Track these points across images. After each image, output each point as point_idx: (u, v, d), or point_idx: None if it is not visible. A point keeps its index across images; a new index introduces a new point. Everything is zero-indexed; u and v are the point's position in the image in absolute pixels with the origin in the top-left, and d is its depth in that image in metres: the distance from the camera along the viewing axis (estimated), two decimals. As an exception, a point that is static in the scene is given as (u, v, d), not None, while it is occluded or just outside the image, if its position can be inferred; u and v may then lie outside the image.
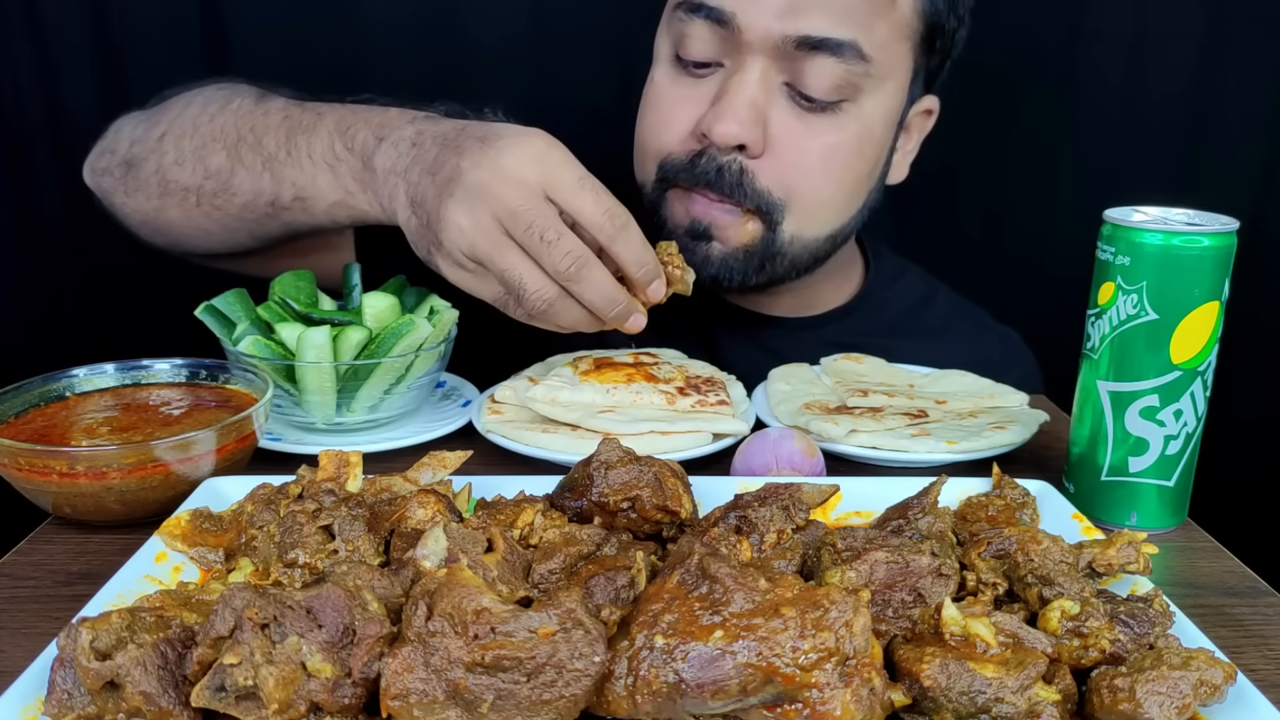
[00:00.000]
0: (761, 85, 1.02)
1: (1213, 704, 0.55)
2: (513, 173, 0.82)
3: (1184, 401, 0.79)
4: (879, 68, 1.03)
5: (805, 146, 1.04)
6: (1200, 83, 1.58)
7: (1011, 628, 0.57)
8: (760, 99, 1.02)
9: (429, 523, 0.65)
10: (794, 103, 1.03)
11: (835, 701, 0.50)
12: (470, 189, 0.82)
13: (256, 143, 1.00)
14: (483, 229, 0.83)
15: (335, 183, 0.95)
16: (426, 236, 0.87)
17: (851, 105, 1.04)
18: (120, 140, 1.10)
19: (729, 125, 1.01)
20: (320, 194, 0.97)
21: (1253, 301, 1.51)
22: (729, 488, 0.75)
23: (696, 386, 1.00)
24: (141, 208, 1.08)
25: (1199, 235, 0.76)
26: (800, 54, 1.00)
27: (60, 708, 0.53)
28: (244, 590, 0.53)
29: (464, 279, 0.87)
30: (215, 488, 0.78)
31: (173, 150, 1.04)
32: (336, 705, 0.51)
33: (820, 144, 1.04)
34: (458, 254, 0.85)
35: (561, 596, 0.52)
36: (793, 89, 1.03)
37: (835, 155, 1.06)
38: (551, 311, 0.85)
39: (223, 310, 0.96)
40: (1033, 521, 0.76)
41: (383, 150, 0.92)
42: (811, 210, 1.07)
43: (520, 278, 0.83)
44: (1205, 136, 1.60)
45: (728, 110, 1.01)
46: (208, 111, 1.05)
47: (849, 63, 1.01)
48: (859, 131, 1.06)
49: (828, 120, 1.04)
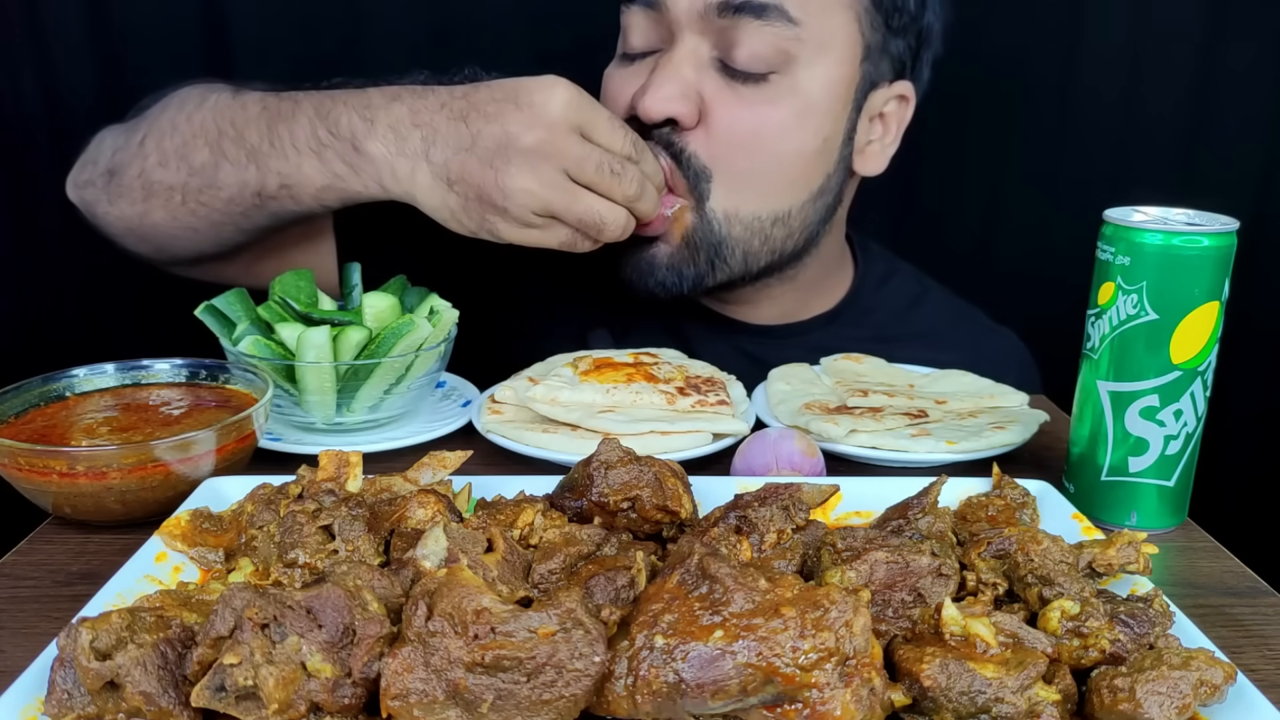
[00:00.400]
0: (691, 60, 1.03)
1: (1213, 704, 0.55)
2: (561, 123, 0.90)
3: (1184, 401, 0.79)
4: (812, 34, 1.02)
5: (737, 116, 1.04)
6: (1200, 83, 1.58)
7: (1011, 628, 0.57)
8: (690, 74, 1.03)
9: (429, 523, 0.65)
10: (725, 75, 1.03)
11: (835, 701, 0.50)
12: (528, 151, 0.89)
13: (238, 136, 1.00)
14: (553, 184, 0.91)
15: (322, 168, 0.96)
16: (479, 208, 0.92)
17: (784, 77, 1.03)
18: (102, 151, 1.11)
19: (652, 100, 1.02)
20: (307, 180, 0.97)
21: (1253, 301, 1.51)
22: (729, 488, 0.75)
23: (696, 386, 1.00)
24: (125, 214, 1.08)
25: (1199, 235, 0.76)
26: (727, 23, 1.01)
27: (60, 708, 0.53)
28: (244, 590, 0.53)
29: (530, 235, 0.93)
30: (215, 488, 0.78)
31: (154, 152, 1.04)
32: (336, 705, 0.51)
33: (752, 114, 1.04)
34: (527, 215, 0.91)
35: (561, 596, 0.52)
36: (723, 62, 1.03)
37: (768, 125, 1.04)
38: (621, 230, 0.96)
39: (223, 310, 0.96)
40: (1033, 521, 0.76)
41: (377, 134, 0.93)
42: (740, 181, 1.06)
43: (600, 215, 0.93)
44: (1205, 137, 1.60)
45: (652, 85, 1.02)
46: (185, 110, 1.05)
47: (775, 25, 1.00)
48: (796, 104, 1.04)
49: (759, 91, 1.03)
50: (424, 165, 0.92)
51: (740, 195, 1.06)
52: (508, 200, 0.90)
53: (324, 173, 0.96)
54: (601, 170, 0.91)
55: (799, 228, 1.11)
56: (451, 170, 0.91)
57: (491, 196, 0.90)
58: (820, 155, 1.08)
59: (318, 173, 0.97)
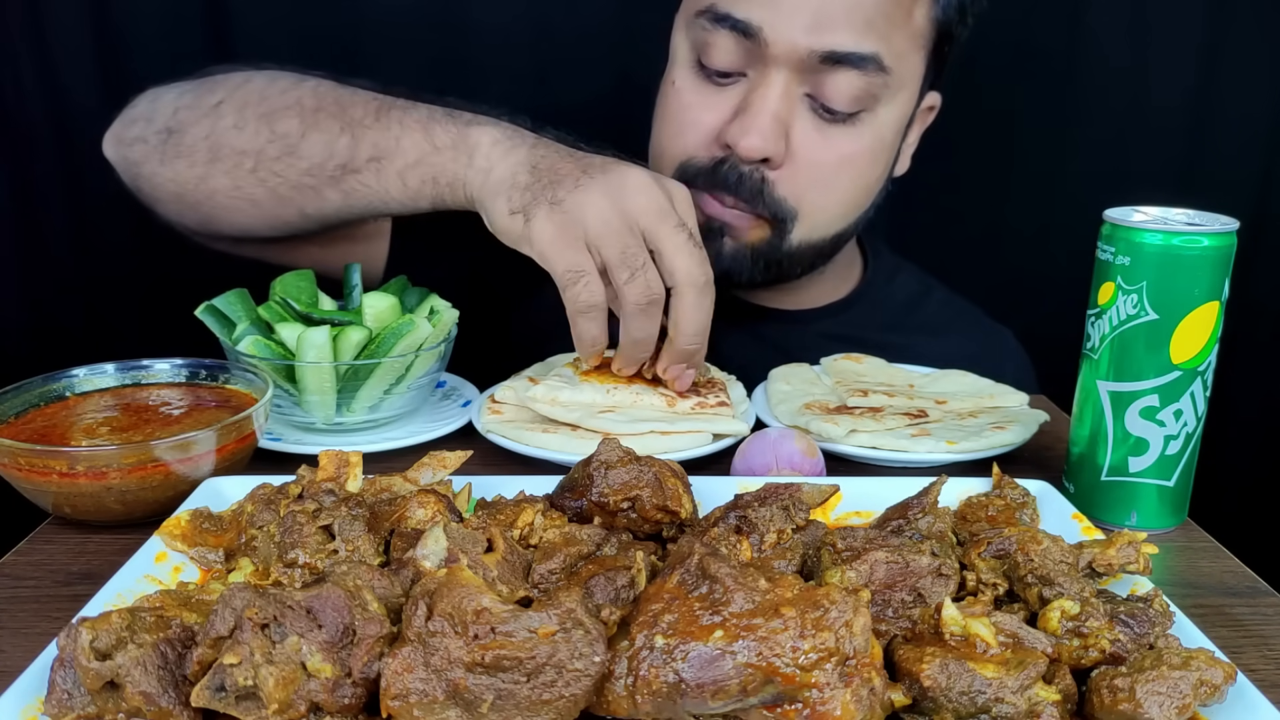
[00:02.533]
0: (785, 98, 1.03)
1: (1213, 704, 0.55)
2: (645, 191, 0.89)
3: (1184, 401, 0.79)
4: (896, 78, 1.05)
5: (823, 159, 1.06)
6: (1201, 83, 1.58)
7: (1011, 628, 0.57)
8: (783, 111, 1.03)
9: (429, 523, 0.65)
10: (815, 114, 1.05)
11: (835, 701, 0.50)
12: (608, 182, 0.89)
13: (340, 110, 0.99)
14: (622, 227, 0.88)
15: (425, 139, 0.96)
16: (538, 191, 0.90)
17: (869, 115, 1.06)
18: (159, 108, 1.07)
19: (754, 140, 1.02)
20: (401, 152, 0.97)
21: (1253, 302, 1.51)
22: (729, 488, 0.75)
23: (696, 387, 1.00)
24: (181, 176, 1.05)
25: (1199, 235, 0.76)
26: (824, 67, 1.02)
27: (60, 708, 0.53)
28: (244, 590, 0.53)
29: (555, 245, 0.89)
30: (215, 488, 0.77)
31: (232, 115, 1.02)
32: (336, 705, 0.51)
33: (837, 155, 1.06)
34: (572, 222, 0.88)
35: (561, 596, 0.52)
36: (814, 100, 1.04)
37: (851, 165, 1.08)
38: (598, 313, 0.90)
39: (223, 310, 0.96)
40: (1033, 521, 0.76)
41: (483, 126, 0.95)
42: (819, 218, 1.10)
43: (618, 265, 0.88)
44: (1205, 136, 1.60)
45: (754, 125, 1.02)
46: (278, 84, 1.03)
47: (870, 75, 1.02)
48: (873, 141, 1.08)
49: (845, 131, 1.06)
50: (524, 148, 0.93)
51: (816, 227, 1.10)
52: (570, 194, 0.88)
53: (423, 144, 0.96)
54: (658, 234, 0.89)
55: (847, 238, 1.17)
56: (538, 159, 0.92)
57: (559, 185, 0.89)
58: (880, 181, 1.14)
59: (415, 146, 0.96)
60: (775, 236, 1.09)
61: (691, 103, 1.08)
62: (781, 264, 1.11)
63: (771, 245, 1.09)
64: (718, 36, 1.03)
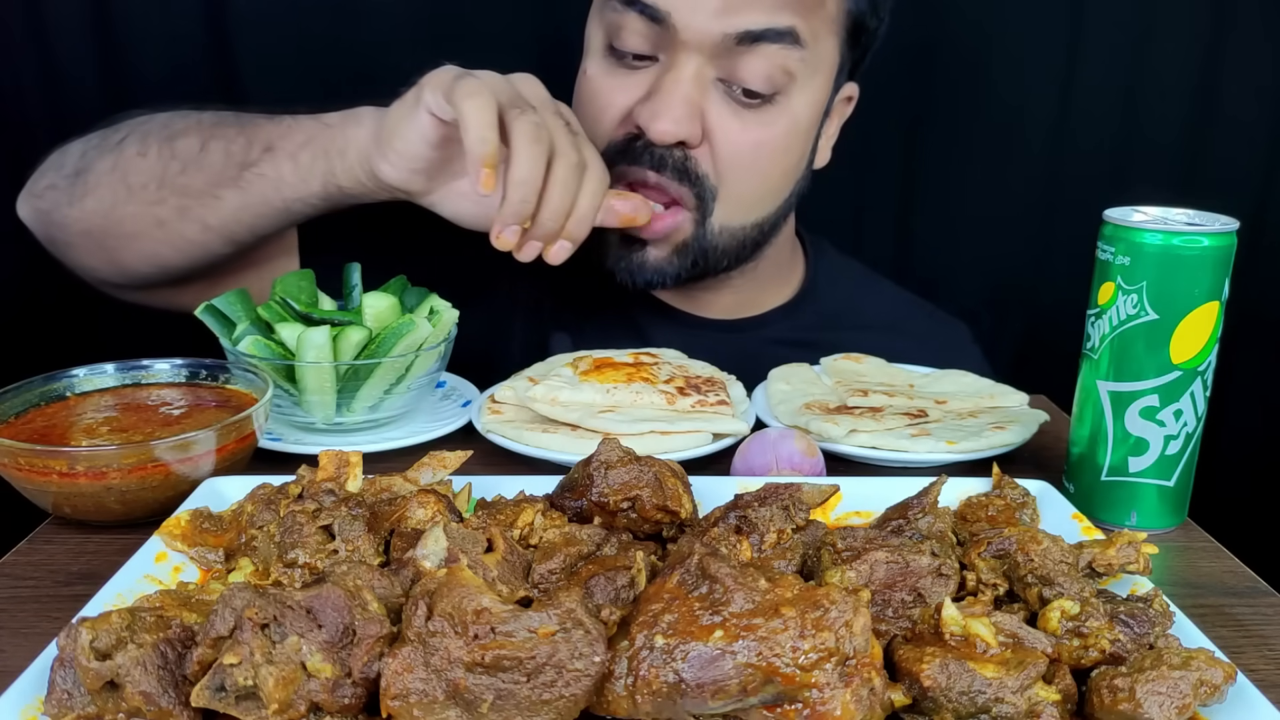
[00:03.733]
0: (696, 81, 1.03)
1: (1213, 704, 0.55)
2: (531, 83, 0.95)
3: (1184, 401, 0.79)
4: (812, 57, 1.05)
5: (737, 141, 1.06)
6: (1201, 83, 1.58)
7: (1011, 628, 0.57)
8: (696, 95, 1.03)
9: (429, 523, 0.65)
10: (729, 99, 1.05)
11: (835, 701, 0.50)
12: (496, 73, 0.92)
13: (238, 120, 1.03)
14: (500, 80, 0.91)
15: (314, 122, 1.00)
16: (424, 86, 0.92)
17: (783, 99, 1.06)
18: (67, 157, 1.10)
19: (666, 124, 1.02)
20: (291, 137, 1.00)
21: (1253, 301, 1.51)
22: (729, 488, 0.75)
23: (696, 386, 1.00)
24: (88, 210, 1.06)
25: (1199, 235, 0.76)
26: (738, 49, 1.02)
27: (60, 708, 0.53)
28: (244, 590, 0.53)
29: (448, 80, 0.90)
30: (215, 488, 0.77)
31: (135, 144, 1.05)
32: (336, 705, 0.51)
33: (750, 139, 1.06)
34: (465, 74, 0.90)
35: (561, 596, 0.52)
36: (727, 85, 1.04)
37: (763, 149, 1.08)
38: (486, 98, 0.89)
39: (223, 310, 0.96)
40: (1033, 521, 0.76)
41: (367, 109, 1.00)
42: (737, 203, 1.10)
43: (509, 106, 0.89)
44: (1206, 136, 1.60)
45: (664, 109, 1.02)
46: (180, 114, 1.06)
47: (788, 49, 1.02)
48: (787, 126, 1.08)
49: (760, 115, 1.06)
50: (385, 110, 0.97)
51: (733, 209, 1.10)
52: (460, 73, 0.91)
53: (312, 127, 1.00)
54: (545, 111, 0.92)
55: (770, 228, 1.16)
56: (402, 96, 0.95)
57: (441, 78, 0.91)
58: (796, 168, 1.13)
59: (305, 129, 1.00)
60: (698, 226, 1.08)
61: (603, 86, 1.08)
62: (707, 255, 1.11)
63: (696, 237, 1.09)
64: (628, 19, 1.04)
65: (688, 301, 1.22)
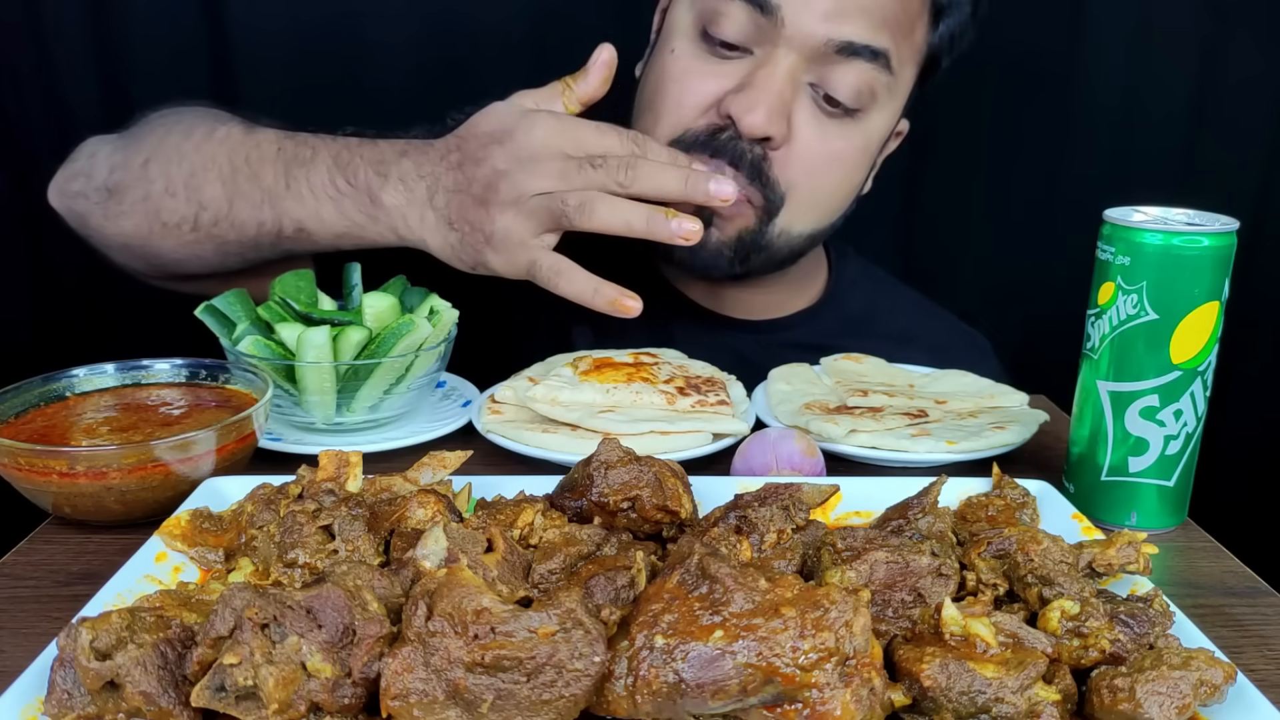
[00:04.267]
0: (790, 81, 1.03)
1: (1213, 704, 0.55)
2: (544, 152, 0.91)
3: (1184, 401, 0.79)
4: (894, 84, 1.07)
5: (817, 149, 1.06)
6: (1201, 83, 1.58)
7: (1011, 628, 0.57)
8: (787, 94, 1.03)
9: (429, 523, 0.65)
10: (815, 104, 1.05)
11: (835, 701, 0.50)
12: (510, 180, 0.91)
13: (253, 175, 1.01)
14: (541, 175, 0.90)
15: (340, 216, 0.98)
16: (474, 242, 0.93)
17: (864, 116, 1.07)
18: (97, 165, 1.09)
19: (758, 117, 1.01)
20: (324, 226, 0.99)
21: (1253, 301, 1.51)
22: (729, 488, 0.75)
23: (696, 386, 1.00)
24: (127, 233, 1.07)
25: (1199, 235, 0.76)
26: (832, 58, 1.02)
27: (60, 708, 0.53)
28: (244, 590, 0.53)
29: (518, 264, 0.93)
30: (215, 488, 0.77)
31: (160, 178, 1.03)
32: (336, 705, 0.51)
33: (830, 148, 1.07)
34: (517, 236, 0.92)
35: (561, 596, 0.52)
36: (816, 90, 1.04)
37: (841, 162, 1.09)
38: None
39: (223, 310, 0.96)
40: (1033, 521, 0.76)
41: (390, 186, 0.97)
42: (804, 209, 1.10)
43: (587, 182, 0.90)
44: (1206, 137, 1.60)
45: (760, 101, 1.01)
46: (192, 139, 1.04)
47: (878, 71, 1.03)
48: (862, 144, 1.09)
49: (841, 127, 1.06)
50: (430, 212, 0.95)
51: (799, 216, 1.10)
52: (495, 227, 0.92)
53: (342, 220, 0.98)
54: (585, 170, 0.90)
55: (819, 240, 1.18)
56: (452, 211, 0.94)
57: (483, 226, 0.92)
58: (859, 188, 1.15)
59: (335, 219, 0.98)
60: (760, 223, 1.08)
61: (692, 69, 1.07)
62: (762, 253, 1.11)
63: (754, 235, 1.09)
64: (731, 7, 1.02)
65: (713, 300, 1.23)
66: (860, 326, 1.26)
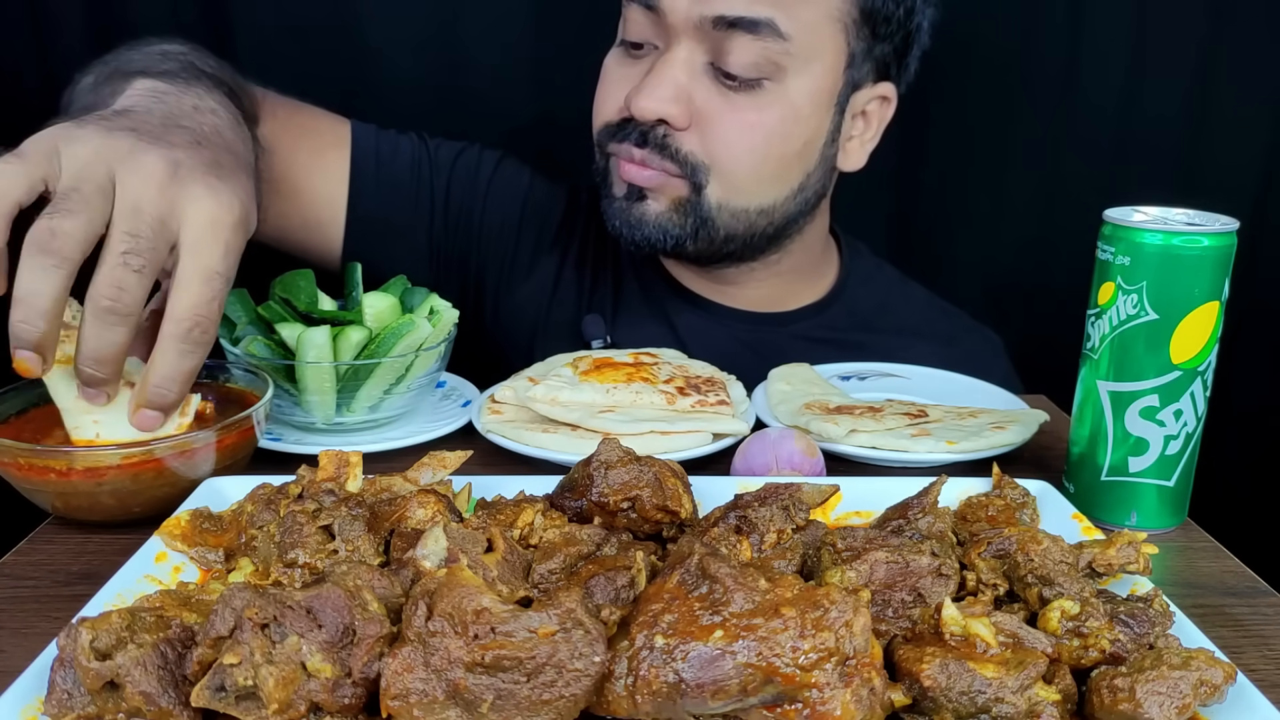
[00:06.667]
0: (685, 65, 1.08)
1: (1213, 704, 0.55)
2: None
3: (1184, 401, 0.79)
4: (801, 48, 1.07)
5: (727, 121, 1.09)
6: (1201, 83, 1.58)
7: (1011, 628, 0.57)
8: (684, 78, 1.08)
9: (429, 523, 0.65)
10: (717, 81, 1.09)
11: (835, 701, 0.50)
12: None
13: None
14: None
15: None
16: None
17: (774, 84, 1.09)
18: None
19: (646, 101, 1.08)
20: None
21: (1253, 301, 1.51)
22: (729, 488, 0.75)
23: (696, 386, 1.00)
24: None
25: (1199, 235, 0.76)
26: (721, 33, 1.06)
27: (60, 708, 0.53)
28: (244, 590, 0.53)
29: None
30: (215, 488, 0.77)
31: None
32: (336, 705, 0.51)
33: (741, 119, 1.09)
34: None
35: (561, 596, 0.52)
36: (715, 68, 1.08)
37: (756, 130, 1.10)
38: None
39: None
40: (1033, 521, 0.76)
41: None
42: (734, 180, 1.12)
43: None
44: (1205, 137, 1.60)
45: (646, 87, 1.08)
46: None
47: (766, 40, 1.06)
48: (783, 111, 1.10)
49: (749, 98, 1.09)
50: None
51: (730, 188, 1.12)
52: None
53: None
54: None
55: (780, 218, 1.17)
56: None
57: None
58: (800, 157, 1.14)
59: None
60: (693, 194, 1.11)
61: (610, 73, 1.16)
62: (709, 228, 1.13)
63: (693, 204, 1.12)
64: (631, 11, 1.11)
65: (716, 291, 1.25)
66: (870, 321, 1.27)
